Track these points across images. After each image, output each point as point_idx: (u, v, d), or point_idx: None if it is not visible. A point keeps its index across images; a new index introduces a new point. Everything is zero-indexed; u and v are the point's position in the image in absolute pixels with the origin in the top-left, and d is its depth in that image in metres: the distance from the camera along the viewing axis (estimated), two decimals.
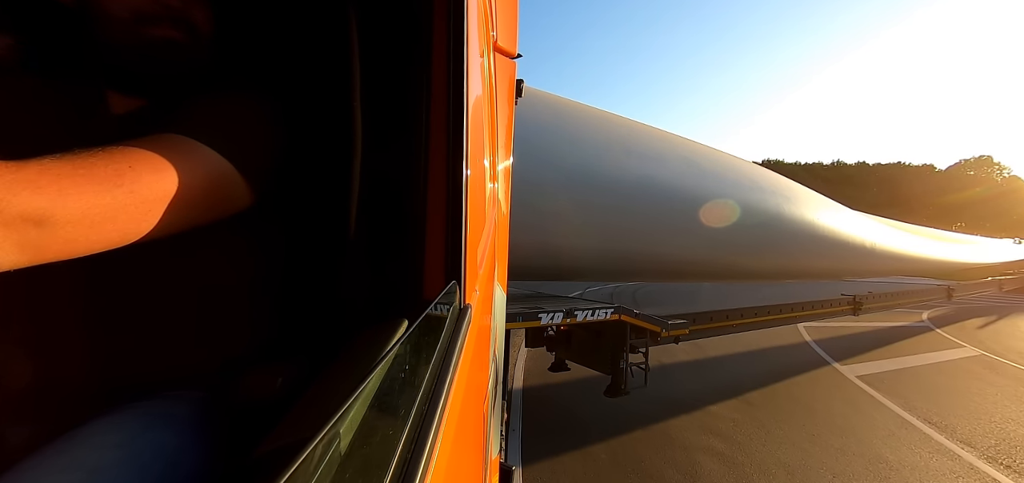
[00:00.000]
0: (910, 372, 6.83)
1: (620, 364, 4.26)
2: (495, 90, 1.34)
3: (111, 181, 0.37)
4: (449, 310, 0.53)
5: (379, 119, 0.59)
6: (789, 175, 6.30)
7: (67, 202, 0.34)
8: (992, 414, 5.26)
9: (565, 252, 3.96)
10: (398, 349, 0.39)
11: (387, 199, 0.59)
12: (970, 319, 11.63)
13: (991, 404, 5.61)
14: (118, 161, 0.39)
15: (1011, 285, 15.08)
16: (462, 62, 0.55)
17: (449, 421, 0.42)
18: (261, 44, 0.68)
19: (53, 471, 0.39)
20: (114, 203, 0.37)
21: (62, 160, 0.35)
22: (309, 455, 0.23)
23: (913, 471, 3.80)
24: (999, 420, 5.08)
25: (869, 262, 7.20)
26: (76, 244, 0.35)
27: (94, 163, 0.37)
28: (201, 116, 0.52)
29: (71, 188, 0.34)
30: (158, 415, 0.48)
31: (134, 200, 0.39)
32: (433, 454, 0.34)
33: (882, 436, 4.49)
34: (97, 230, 0.36)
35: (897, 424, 4.81)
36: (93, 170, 0.36)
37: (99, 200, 0.36)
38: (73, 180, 0.35)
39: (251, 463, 0.33)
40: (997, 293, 14.41)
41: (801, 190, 5.80)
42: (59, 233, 0.33)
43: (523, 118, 3.33)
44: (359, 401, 0.30)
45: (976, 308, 13.05)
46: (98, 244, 0.37)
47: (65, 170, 0.34)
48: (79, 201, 0.34)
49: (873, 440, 4.37)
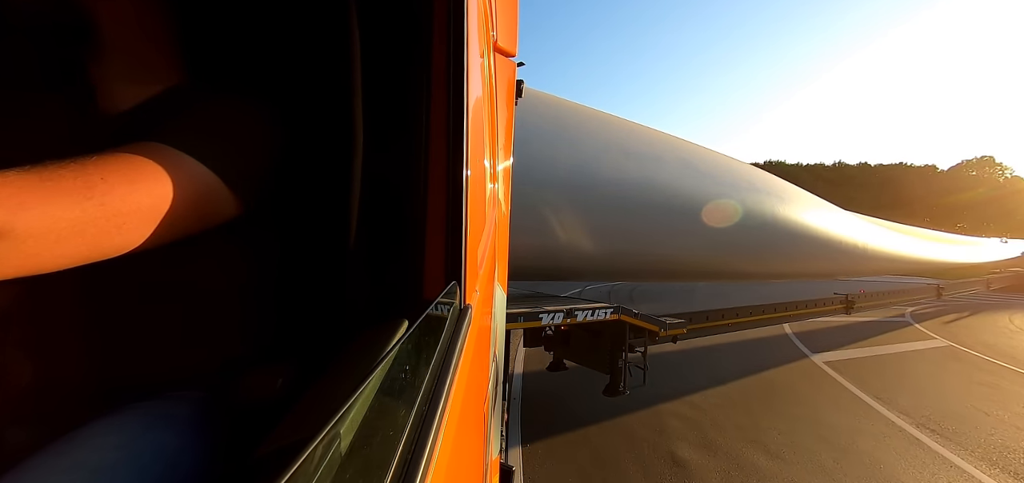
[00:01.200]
0: (875, 359, 7.44)
1: (619, 363, 4.27)
2: (495, 91, 1.35)
3: (80, 193, 0.36)
4: (449, 310, 0.53)
5: (379, 120, 0.59)
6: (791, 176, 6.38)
7: (29, 215, 0.32)
8: (936, 392, 5.93)
9: (564, 253, 3.98)
10: (398, 349, 0.39)
11: (387, 200, 0.59)
12: (951, 315, 12.09)
13: (939, 385, 6.30)
14: (89, 173, 0.37)
15: (998, 283, 15.73)
16: (462, 63, 0.55)
17: (449, 421, 0.42)
18: (260, 45, 0.68)
19: (54, 472, 0.39)
20: (82, 216, 0.35)
21: (27, 172, 0.33)
22: (310, 455, 0.23)
23: (849, 433, 4.56)
24: (940, 397, 5.74)
25: (861, 262, 7.39)
26: (40, 259, 0.34)
27: (62, 175, 0.35)
28: (187, 123, 0.50)
29: (33, 201, 0.33)
30: (158, 416, 0.48)
31: (104, 213, 0.37)
32: (433, 454, 0.34)
33: (833, 407, 5.22)
34: (63, 244, 0.35)
35: (849, 398, 5.55)
36: (60, 182, 0.35)
37: (65, 213, 0.34)
38: (37, 192, 0.33)
39: (252, 463, 0.33)
40: (985, 291, 14.93)
41: (796, 191, 5.94)
42: (21, 247, 0.32)
43: (522, 119, 3.35)
44: (359, 401, 0.30)
45: (960, 305, 13.48)
46: (65, 259, 0.36)
47: (29, 182, 0.33)
48: (43, 214, 0.33)
49: (824, 410, 5.12)
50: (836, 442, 4.31)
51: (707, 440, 4.24)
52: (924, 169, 64.93)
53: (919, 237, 10.21)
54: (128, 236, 0.39)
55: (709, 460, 3.86)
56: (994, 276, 15.53)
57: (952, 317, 11.84)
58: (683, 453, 3.98)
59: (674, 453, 3.98)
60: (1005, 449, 4.33)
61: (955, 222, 47.89)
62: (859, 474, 3.78)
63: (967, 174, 60.55)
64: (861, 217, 7.93)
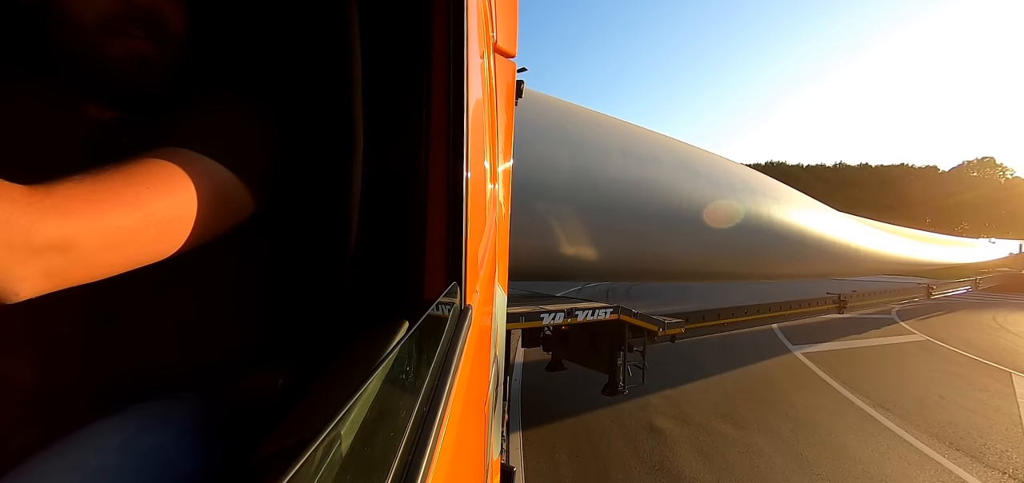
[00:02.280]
0: (850, 351, 7.72)
1: (618, 362, 4.28)
2: (495, 91, 1.35)
3: (132, 204, 0.37)
4: (450, 311, 0.53)
5: (380, 120, 0.59)
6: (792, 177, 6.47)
7: (93, 227, 0.33)
8: (900, 379, 6.28)
9: (562, 253, 4.00)
10: (399, 350, 0.39)
11: (387, 200, 0.59)
12: (937, 313, 12.25)
13: (905, 373, 6.63)
14: (136, 182, 0.38)
15: (986, 283, 16.03)
16: (462, 63, 0.55)
17: (450, 422, 0.42)
18: (262, 46, 0.68)
19: (54, 473, 0.39)
20: (135, 225, 0.37)
21: (83, 182, 0.34)
22: (310, 456, 0.23)
23: (810, 410, 5.00)
24: (902, 383, 6.09)
25: (853, 262, 7.55)
26: (99, 268, 0.35)
27: (114, 185, 0.36)
28: (200, 126, 0.51)
29: (96, 213, 0.34)
30: (159, 417, 0.48)
31: (153, 222, 0.38)
32: (434, 455, 0.34)
33: (801, 390, 5.64)
34: (118, 253, 0.36)
35: (818, 383, 5.98)
36: (114, 193, 0.36)
37: (122, 223, 0.36)
38: (98, 204, 0.34)
39: (252, 464, 0.33)
40: (973, 291, 15.18)
41: (790, 192, 6.07)
42: (84, 259, 0.33)
43: (522, 120, 3.36)
44: (360, 402, 0.30)
45: (948, 304, 13.70)
46: (119, 266, 0.37)
47: (85, 193, 0.34)
48: (103, 225, 0.34)
49: (793, 393, 5.55)
50: (796, 417, 4.77)
51: (684, 414, 4.69)
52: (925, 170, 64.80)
53: (910, 238, 10.37)
54: (170, 242, 0.41)
55: (682, 429, 4.36)
56: (983, 276, 15.93)
57: (937, 315, 12.04)
58: (660, 424, 4.47)
59: (652, 423, 4.47)
60: (949, 426, 4.71)
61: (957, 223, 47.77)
62: (811, 441, 4.23)
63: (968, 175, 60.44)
64: (853, 218, 8.07)
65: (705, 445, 4.03)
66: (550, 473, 3.56)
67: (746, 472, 3.61)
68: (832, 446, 4.09)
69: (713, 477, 3.51)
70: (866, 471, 3.69)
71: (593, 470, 3.61)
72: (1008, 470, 3.82)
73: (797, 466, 3.73)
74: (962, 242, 14.87)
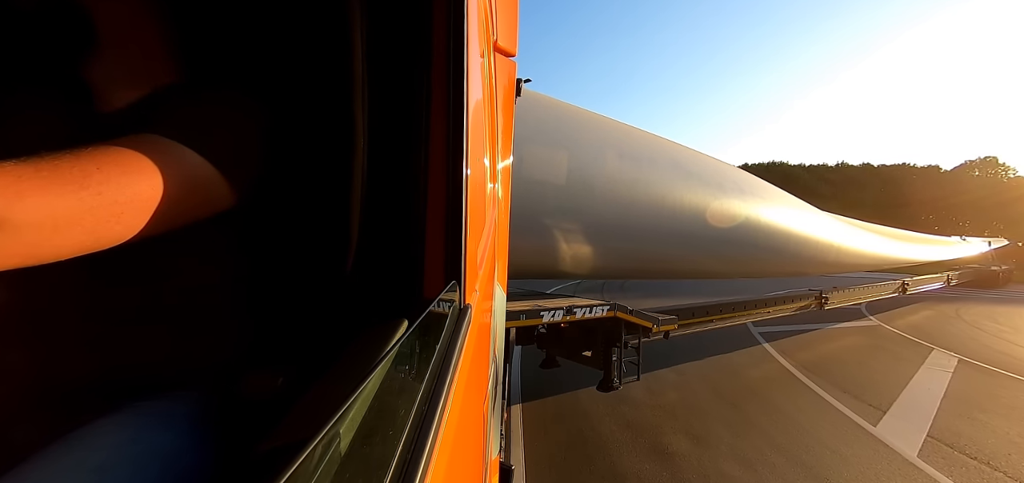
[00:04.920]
0: (804, 335, 8.72)
1: (612, 358, 4.29)
2: (495, 90, 1.35)
3: (76, 183, 0.35)
4: (449, 310, 0.53)
5: (380, 119, 0.59)
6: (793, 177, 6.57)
7: (26, 205, 0.32)
8: (834, 353, 7.40)
9: (560, 253, 4.02)
10: (398, 349, 0.39)
11: (388, 199, 0.59)
12: (904, 306, 12.94)
13: (841, 348, 7.77)
14: (85, 162, 0.37)
15: (957, 279, 16.87)
16: (462, 63, 0.55)
17: (449, 421, 0.42)
18: (261, 45, 0.68)
19: (55, 472, 0.39)
20: (79, 205, 0.35)
21: (23, 162, 0.33)
22: (309, 455, 0.23)
23: (745, 369, 6.26)
24: (833, 355, 7.24)
25: (834, 260, 7.82)
26: (39, 249, 0.34)
27: (58, 165, 0.35)
28: (181, 116, 0.50)
29: (31, 190, 0.33)
30: (159, 415, 0.49)
31: (102, 202, 0.37)
32: (433, 454, 0.34)
33: (751, 362, 6.73)
34: (62, 234, 0.35)
35: (764, 356, 7.09)
36: (56, 172, 0.35)
37: (62, 203, 0.34)
38: (34, 182, 0.33)
39: (251, 463, 0.33)
40: (945, 287, 15.76)
41: (775, 191, 6.28)
42: (20, 237, 0.32)
43: (520, 120, 3.38)
44: (359, 401, 0.30)
45: (918, 298, 14.36)
46: (64, 249, 0.36)
47: (25, 172, 0.33)
48: (40, 204, 0.33)
49: (739, 362, 6.70)
50: (733, 373, 6.09)
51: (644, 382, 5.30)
52: (927, 169, 64.46)
53: (886, 236, 10.54)
54: (126, 225, 0.40)
55: (635, 387, 5.08)
56: (954, 273, 16.66)
57: (903, 308, 12.58)
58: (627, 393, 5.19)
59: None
60: (851, 380, 5.93)
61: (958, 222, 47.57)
62: (737, 389, 5.44)
63: (970, 175, 60.17)
64: (834, 217, 8.26)
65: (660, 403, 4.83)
66: None
67: (688, 414, 4.61)
68: (761, 396, 5.26)
69: (656, 420, 4.42)
70: (778, 408, 4.90)
71: None
72: (870, 401, 5.15)
73: (733, 411, 4.79)
74: (936, 240, 15.26)
